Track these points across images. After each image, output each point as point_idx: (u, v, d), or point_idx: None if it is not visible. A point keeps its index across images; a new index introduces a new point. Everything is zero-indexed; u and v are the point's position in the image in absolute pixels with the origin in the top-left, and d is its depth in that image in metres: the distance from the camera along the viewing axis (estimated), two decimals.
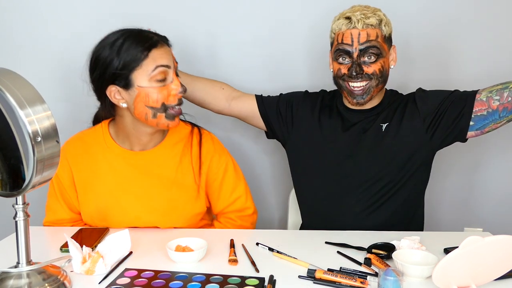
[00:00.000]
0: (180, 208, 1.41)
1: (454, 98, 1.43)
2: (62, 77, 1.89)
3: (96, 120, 1.50)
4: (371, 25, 1.39)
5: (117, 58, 1.26)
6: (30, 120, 0.90)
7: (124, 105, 1.31)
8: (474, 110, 1.39)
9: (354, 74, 1.39)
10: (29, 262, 1.01)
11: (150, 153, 1.41)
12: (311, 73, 1.89)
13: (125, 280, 1.07)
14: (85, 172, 1.41)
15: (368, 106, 1.49)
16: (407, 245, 1.19)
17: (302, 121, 1.57)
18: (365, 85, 1.42)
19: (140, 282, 1.06)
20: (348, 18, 1.40)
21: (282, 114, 1.60)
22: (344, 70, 1.42)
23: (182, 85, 1.32)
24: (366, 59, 1.40)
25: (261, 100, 1.63)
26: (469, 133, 1.42)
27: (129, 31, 1.30)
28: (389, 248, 1.19)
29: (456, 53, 1.85)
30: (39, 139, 0.91)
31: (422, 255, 1.11)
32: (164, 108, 1.30)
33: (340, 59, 1.43)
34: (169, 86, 1.30)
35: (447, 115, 1.42)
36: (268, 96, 1.65)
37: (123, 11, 1.85)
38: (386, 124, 1.47)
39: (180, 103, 1.34)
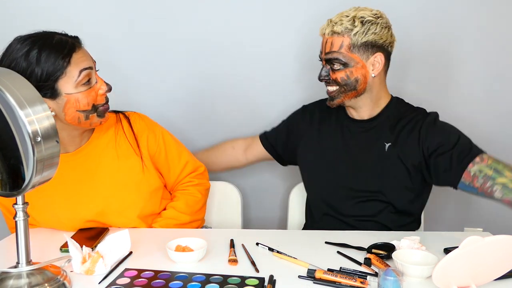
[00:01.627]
0: (135, 187, 1.41)
1: (453, 153, 1.36)
2: None
3: None
4: (337, 33, 1.38)
5: (38, 68, 1.20)
6: (30, 120, 0.90)
7: (52, 113, 1.25)
8: (462, 179, 1.35)
9: (319, 78, 1.45)
10: (29, 262, 1.01)
11: (85, 148, 1.39)
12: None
13: (125, 280, 1.07)
14: (31, 194, 1.26)
15: (365, 116, 1.49)
16: (407, 245, 1.19)
17: (304, 134, 1.60)
18: (333, 90, 1.45)
19: (140, 282, 1.06)
20: (327, 22, 1.42)
21: (288, 143, 1.66)
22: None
23: (107, 84, 1.32)
24: (333, 66, 1.42)
25: (265, 139, 1.71)
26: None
27: (40, 38, 1.24)
28: (389, 248, 1.19)
29: (454, 56, 1.85)
30: (39, 139, 0.91)
31: (422, 255, 1.11)
32: (95, 108, 1.30)
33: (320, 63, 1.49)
34: (95, 87, 1.29)
35: (439, 164, 1.38)
36: (270, 130, 1.71)
37: (124, 12, 1.85)
38: (389, 145, 1.44)
39: (106, 101, 1.34)
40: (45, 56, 1.21)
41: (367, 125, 1.49)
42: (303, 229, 1.66)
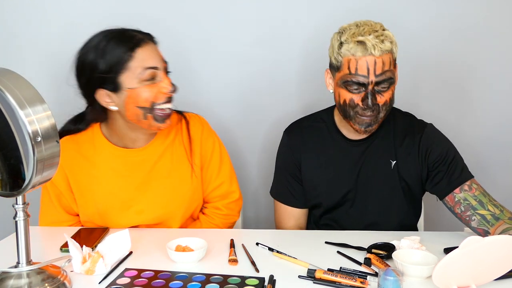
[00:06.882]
0: (180, 196, 1.41)
1: (445, 173, 1.36)
2: (63, 78, 1.88)
3: (79, 119, 1.41)
4: (387, 50, 1.26)
5: (102, 60, 1.22)
6: (30, 120, 0.90)
7: (115, 108, 1.29)
8: (445, 199, 1.36)
9: (371, 105, 1.28)
10: (29, 262, 1.01)
11: (146, 148, 1.39)
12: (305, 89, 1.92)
13: (125, 280, 1.07)
14: (81, 174, 1.38)
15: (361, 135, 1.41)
16: (407, 245, 1.19)
17: (301, 161, 1.48)
18: (374, 116, 1.32)
19: (140, 282, 1.06)
20: (362, 42, 1.25)
21: (300, 180, 1.50)
22: (357, 101, 1.30)
23: (173, 85, 1.29)
24: (380, 88, 1.29)
25: (295, 201, 1.52)
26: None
27: (111, 31, 1.26)
28: (389, 248, 1.19)
29: (465, 64, 1.87)
30: (39, 139, 0.91)
31: (422, 255, 1.11)
32: (152, 107, 1.27)
33: (353, 90, 1.29)
34: (158, 84, 1.26)
35: (433, 177, 1.38)
36: (285, 193, 1.54)
37: (126, 13, 1.85)
38: (394, 162, 1.41)
39: (168, 101, 1.29)
40: (111, 48, 1.22)
41: (365, 143, 1.42)
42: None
